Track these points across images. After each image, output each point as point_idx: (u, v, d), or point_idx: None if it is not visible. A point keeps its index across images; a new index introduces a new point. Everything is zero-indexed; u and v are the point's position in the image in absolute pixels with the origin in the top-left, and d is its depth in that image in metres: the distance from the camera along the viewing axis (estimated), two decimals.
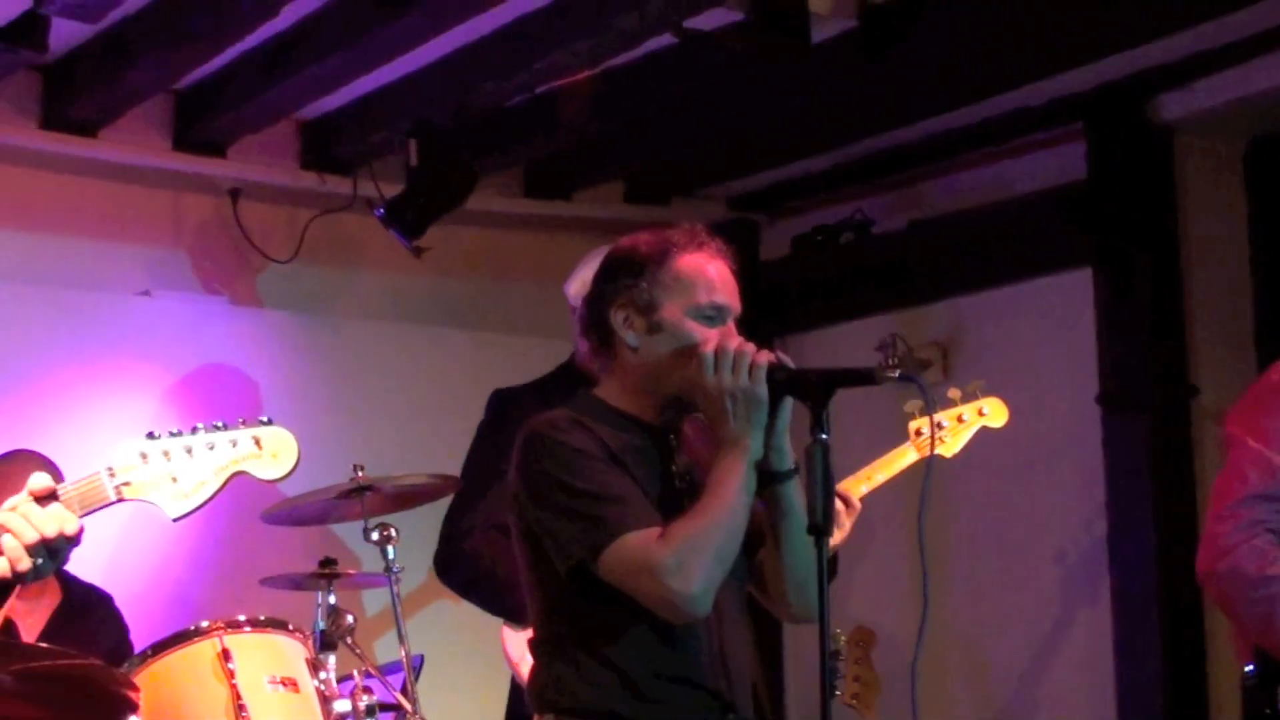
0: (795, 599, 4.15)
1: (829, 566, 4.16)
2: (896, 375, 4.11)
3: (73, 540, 3.44)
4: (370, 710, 5.97)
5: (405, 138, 7.73)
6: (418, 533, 6.44)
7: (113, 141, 7.74)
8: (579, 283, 6.18)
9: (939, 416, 5.29)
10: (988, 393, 5.37)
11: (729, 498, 3.94)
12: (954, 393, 5.34)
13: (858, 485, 5.09)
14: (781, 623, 7.28)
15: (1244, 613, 4.89)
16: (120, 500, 3.52)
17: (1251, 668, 4.90)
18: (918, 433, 5.29)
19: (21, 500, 3.41)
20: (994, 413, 5.36)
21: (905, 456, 5.32)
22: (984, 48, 7.06)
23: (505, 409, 6.24)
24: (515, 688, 6.09)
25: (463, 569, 6.18)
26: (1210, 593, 5.09)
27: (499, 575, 5.96)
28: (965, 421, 5.33)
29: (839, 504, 4.59)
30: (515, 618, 5.97)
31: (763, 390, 3.95)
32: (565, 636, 4.11)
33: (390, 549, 6.17)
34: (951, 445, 5.32)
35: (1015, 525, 7.75)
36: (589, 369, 6.11)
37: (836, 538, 4.56)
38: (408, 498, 6.34)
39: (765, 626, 4.27)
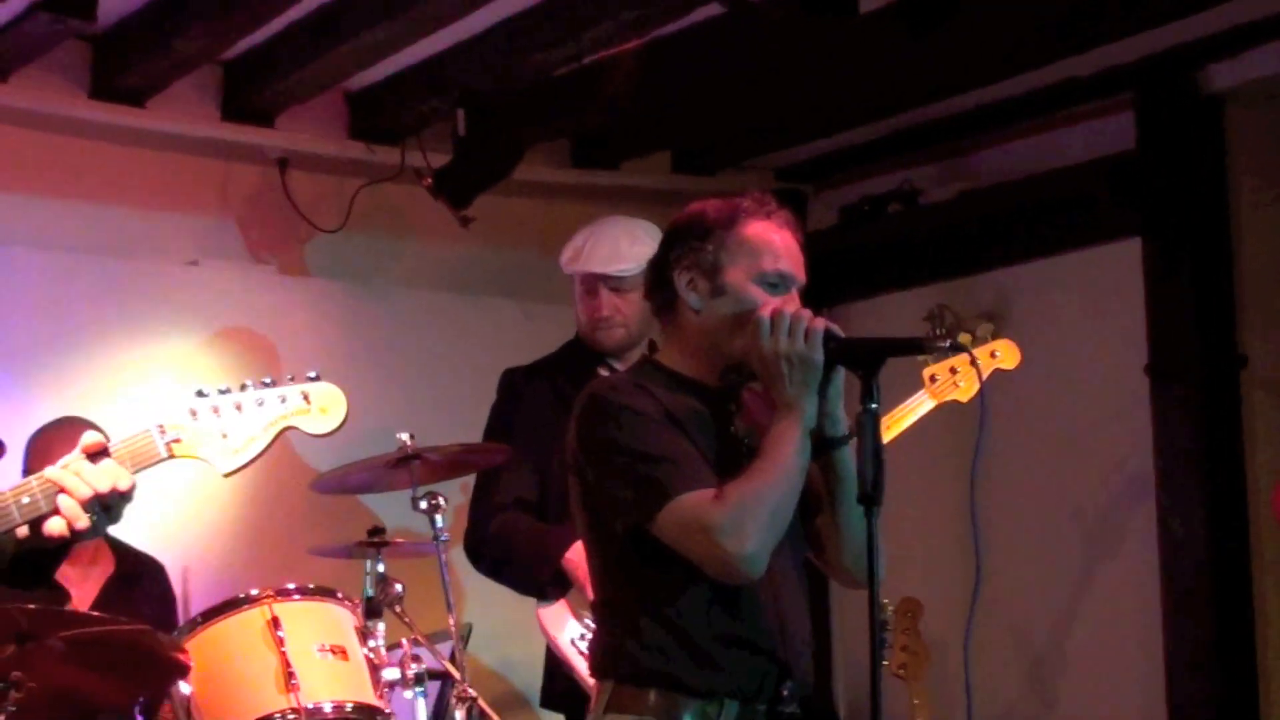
0: (853, 565, 4.16)
1: None
2: (946, 345, 4.14)
3: (126, 496, 3.44)
4: (419, 678, 6.03)
5: (453, 108, 7.72)
6: (466, 501, 6.46)
7: (161, 111, 7.76)
8: (570, 250, 6.23)
9: (950, 362, 5.30)
10: (999, 337, 5.35)
11: (784, 460, 3.96)
12: (964, 337, 5.32)
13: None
14: (829, 592, 7.31)
15: None
16: (171, 457, 3.52)
17: None
18: (931, 379, 5.29)
19: (74, 457, 3.43)
20: (1005, 355, 5.36)
21: (922, 405, 5.32)
22: (1032, 17, 7.04)
23: (516, 387, 6.29)
24: (550, 663, 6.13)
25: (489, 555, 6.22)
26: None
27: (523, 556, 6.01)
28: (978, 365, 5.18)
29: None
30: (543, 595, 6.01)
31: (818, 355, 3.97)
32: (624, 600, 4.13)
33: (438, 517, 6.19)
34: (966, 390, 5.31)
35: (1063, 495, 7.73)
36: (592, 340, 6.18)
37: None
38: (456, 467, 6.36)
39: (812, 595, 4.27)
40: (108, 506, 3.43)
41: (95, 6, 6.89)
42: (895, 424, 5.28)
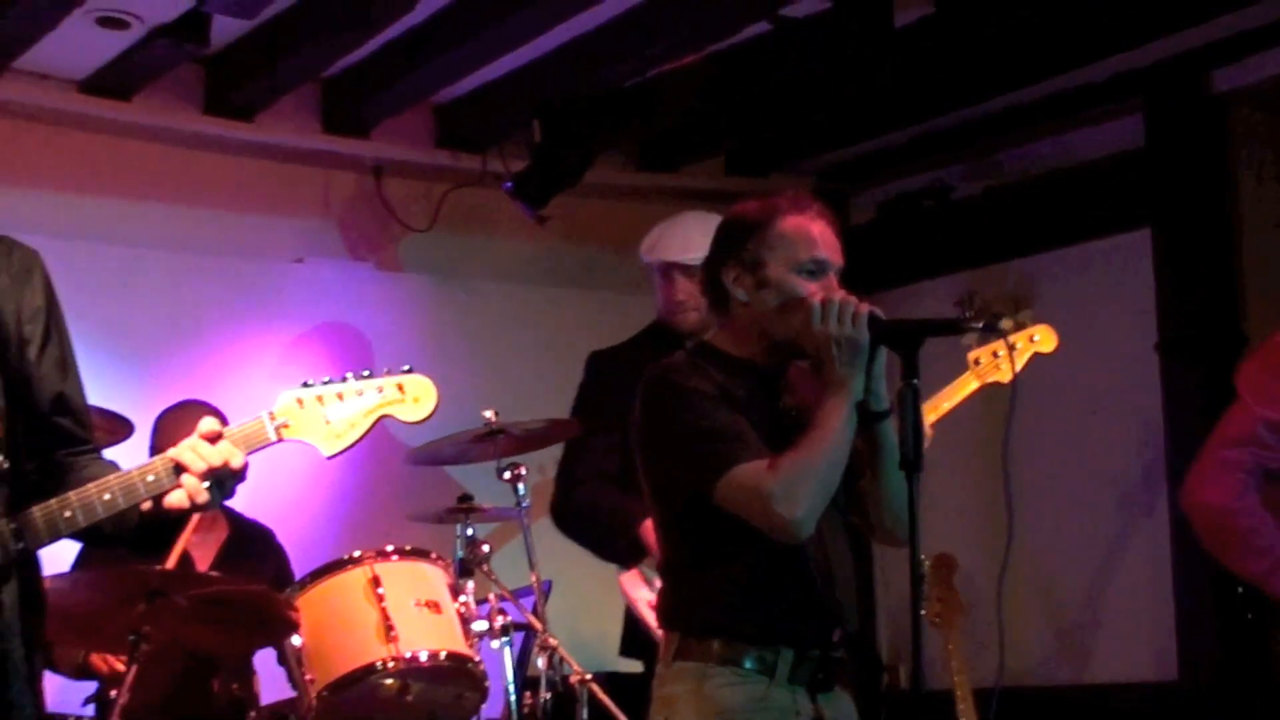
0: (893, 525, 4.14)
1: None
2: (980, 326, 4.14)
3: (239, 474, 3.47)
4: (505, 630, 6.03)
5: (529, 118, 7.76)
6: (544, 471, 6.48)
7: (268, 125, 7.80)
8: (649, 241, 6.25)
9: (993, 346, 5.24)
10: (1038, 321, 5.30)
11: (832, 432, 3.94)
12: (1006, 323, 5.27)
13: (927, 415, 4.93)
14: (872, 549, 7.29)
15: (1207, 539, 4.91)
16: (280, 440, 3.54)
17: (1241, 589, 4.94)
18: (976, 362, 5.25)
19: (194, 440, 3.45)
20: (1044, 339, 5.26)
21: (967, 385, 5.27)
22: (1052, 28, 7.04)
23: (601, 368, 6.30)
24: (629, 619, 6.14)
25: (573, 524, 6.26)
26: (1189, 518, 5.09)
27: (605, 523, 6.02)
28: (1019, 349, 5.21)
29: None
30: (621, 561, 6.02)
31: (865, 336, 3.95)
32: (687, 560, 4.13)
33: (520, 486, 6.20)
34: (1007, 372, 5.13)
35: (1082, 462, 7.72)
36: (671, 323, 6.18)
37: None
38: (535, 440, 6.36)
39: (856, 551, 4.28)
40: (222, 483, 3.45)
41: (208, 32, 6.95)
42: (944, 403, 5.26)
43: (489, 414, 6.14)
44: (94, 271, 7.06)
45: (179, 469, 3.41)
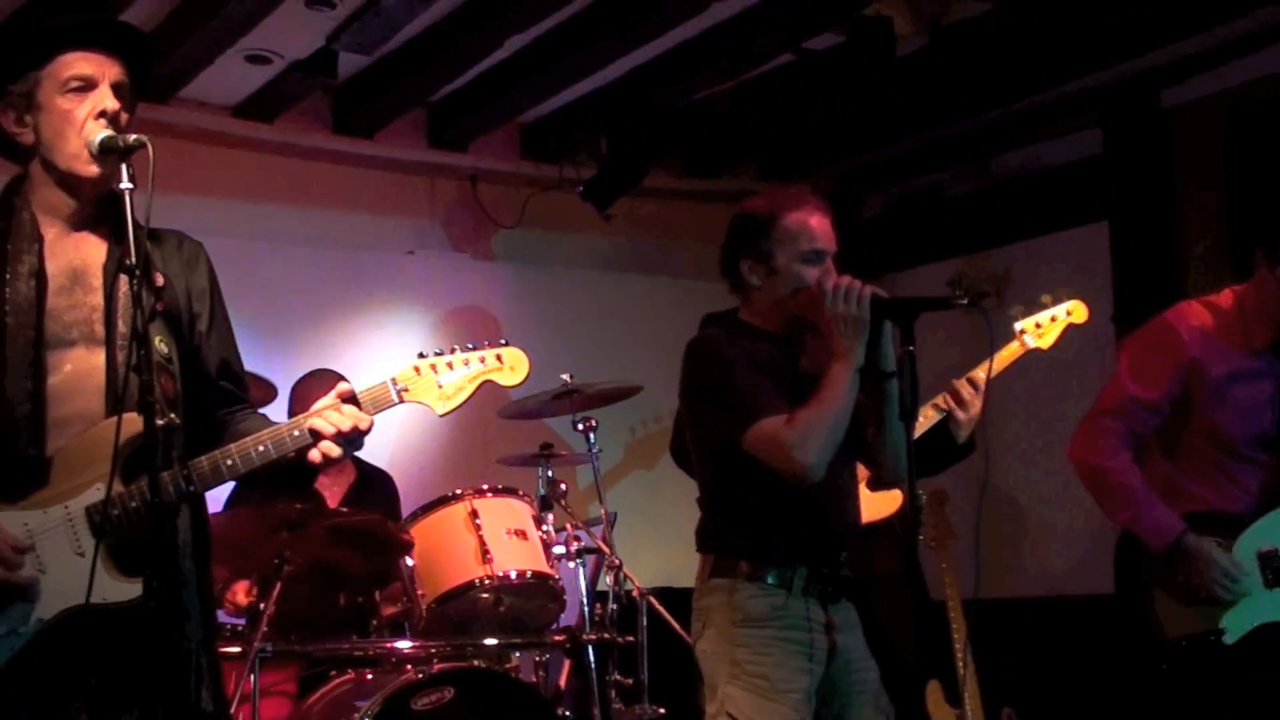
0: (894, 465, 4.15)
1: (967, 443, 4.33)
2: (965, 302, 4.14)
3: (366, 431, 3.52)
4: (579, 553, 6.07)
5: (598, 134, 7.80)
6: (611, 423, 6.50)
7: (384, 142, 7.82)
8: None
9: (1036, 316, 5.00)
10: (1069, 297, 5.08)
11: (839, 392, 3.96)
12: (1046, 298, 5.12)
13: (979, 373, 4.66)
14: None
15: (1088, 489, 4.88)
16: (401, 401, 3.59)
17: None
18: (1022, 332, 5.15)
19: (330, 403, 3.51)
20: (1077, 312, 5.03)
21: (1014, 350, 5.17)
22: (1027, 56, 7.05)
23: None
24: None
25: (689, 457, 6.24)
26: (1076, 471, 4.98)
27: None
28: (1056, 320, 5.01)
29: (970, 387, 4.41)
30: None
31: (866, 315, 3.96)
32: (720, 494, 4.17)
33: (591, 435, 6.24)
34: (1047, 339, 5.01)
35: (1047, 414, 7.70)
36: None
37: (970, 415, 4.39)
38: (604, 397, 6.39)
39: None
40: (352, 440, 3.51)
41: (335, 67, 6.98)
42: (996, 366, 5.09)
43: (565, 377, 6.19)
44: (244, 262, 7.04)
45: (316, 431, 3.47)
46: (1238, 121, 7.13)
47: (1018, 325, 5.13)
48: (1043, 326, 5.00)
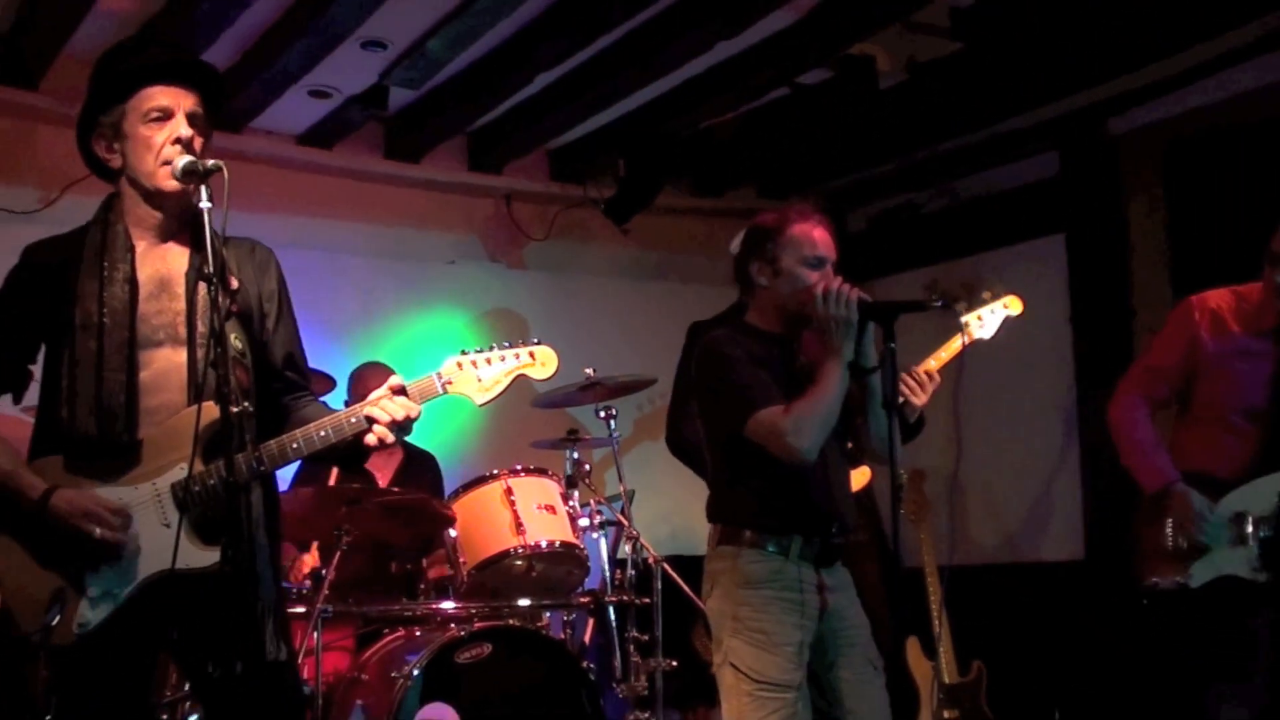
0: (879, 448, 4.16)
1: (917, 423, 4.26)
2: (939, 305, 4.14)
3: (415, 419, 3.55)
4: (601, 525, 6.08)
5: (617, 159, 7.79)
6: (629, 411, 6.48)
7: (429, 166, 7.81)
8: (736, 242, 6.23)
9: (978, 310, 5.04)
10: (1008, 293, 5.21)
11: (830, 385, 3.95)
12: (987, 294, 5.18)
13: (928, 364, 4.92)
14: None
15: (1114, 440, 4.93)
16: (445, 393, 3.61)
17: None
18: (965, 324, 5.13)
19: (384, 394, 3.53)
20: (1013, 304, 4.94)
21: (957, 341, 5.17)
22: (991, 90, 7.04)
23: (697, 336, 6.27)
24: None
25: (683, 448, 6.22)
26: (1109, 427, 5.06)
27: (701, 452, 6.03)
28: (995, 313, 4.95)
29: (924, 375, 4.37)
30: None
31: (855, 315, 3.97)
32: (726, 474, 4.16)
33: (612, 422, 6.21)
34: (988, 329, 4.91)
35: (1014, 401, 7.66)
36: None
37: (921, 400, 4.34)
38: (622, 389, 6.35)
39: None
40: (403, 427, 3.53)
41: (387, 100, 6.98)
42: (941, 354, 5.14)
43: (589, 371, 6.16)
44: (307, 270, 6.97)
45: (371, 418, 3.50)
46: (1175, 153, 7.17)
47: (963, 319, 5.14)
48: (984, 319, 5.05)
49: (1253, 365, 4.81)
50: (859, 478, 5.59)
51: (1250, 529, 4.70)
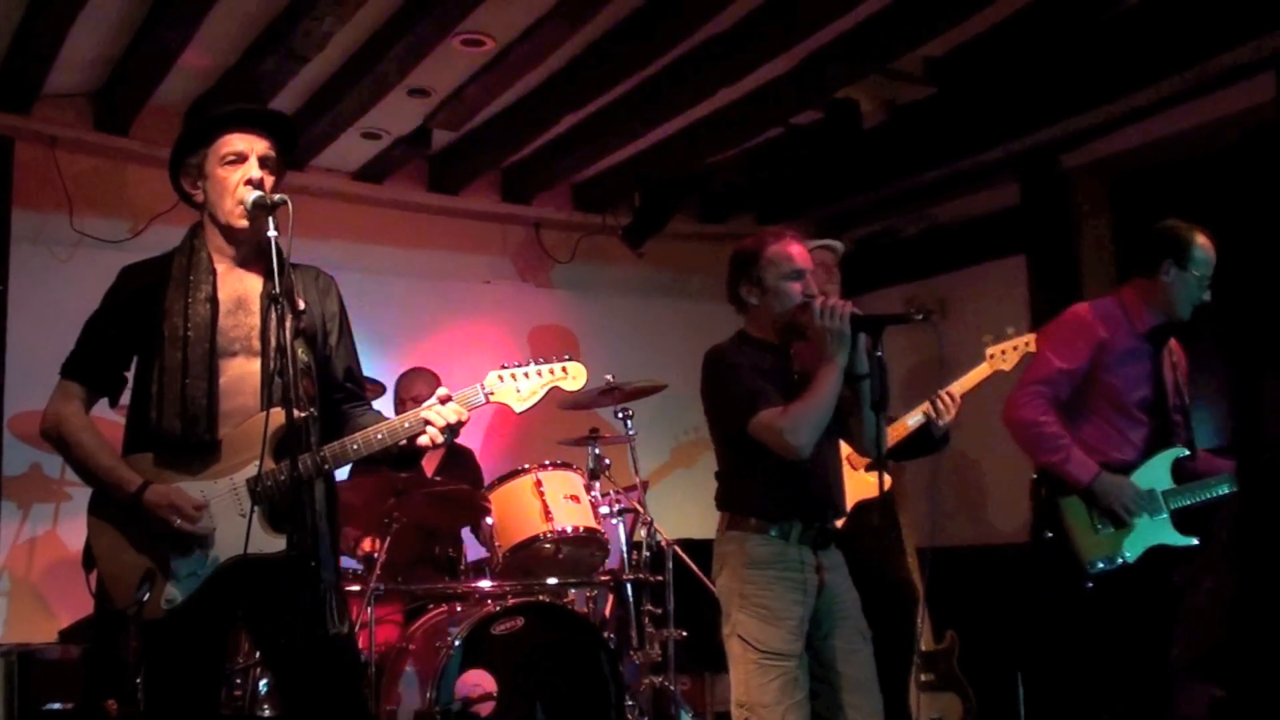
0: (868, 445, 4.10)
1: (943, 438, 4.46)
2: (920, 318, 4.11)
3: (464, 424, 3.57)
4: (620, 512, 6.08)
5: (633, 191, 7.80)
6: (645, 412, 6.47)
7: (468, 198, 7.81)
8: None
9: (1002, 344, 5.08)
10: (1026, 333, 5.17)
11: (824, 389, 3.94)
12: (1011, 330, 5.18)
13: (957, 388, 4.89)
14: None
15: (1023, 443, 4.86)
16: (487, 402, 3.62)
17: (1036, 476, 4.86)
18: (990, 356, 5.14)
19: (434, 402, 3.55)
20: (1032, 342, 5.10)
21: (982, 371, 5.16)
22: (960, 129, 7.03)
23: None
24: None
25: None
26: (1009, 430, 4.92)
27: None
28: (1018, 348, 5.11)
29: (949, 397, 4.49)
30: None
31: (847, 328, 3.95)
32: (734, 468, 4.15)
33: (629, 422, 6.22)
34: (1010, 363, 5.11)
35: (986, 405, 7.63)
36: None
37: (946, 419, 4.52)
38: (638, 393, 6.33)
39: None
40: (452, 430, 3.55)
41: (430, 141, 7.00)
42: (968, 382, 5.12)
43: (609, 377, 6.15)
44: (360, 289, 7.05)
45: (427, 421, 3.52)
46: (1121, 184, 7.16)
47: (988, 350, 5.13)
48: (1006, 352, 5.05)
49: (1137, 364, 4.77)
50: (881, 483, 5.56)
51: (1162, 501, 4.70)
